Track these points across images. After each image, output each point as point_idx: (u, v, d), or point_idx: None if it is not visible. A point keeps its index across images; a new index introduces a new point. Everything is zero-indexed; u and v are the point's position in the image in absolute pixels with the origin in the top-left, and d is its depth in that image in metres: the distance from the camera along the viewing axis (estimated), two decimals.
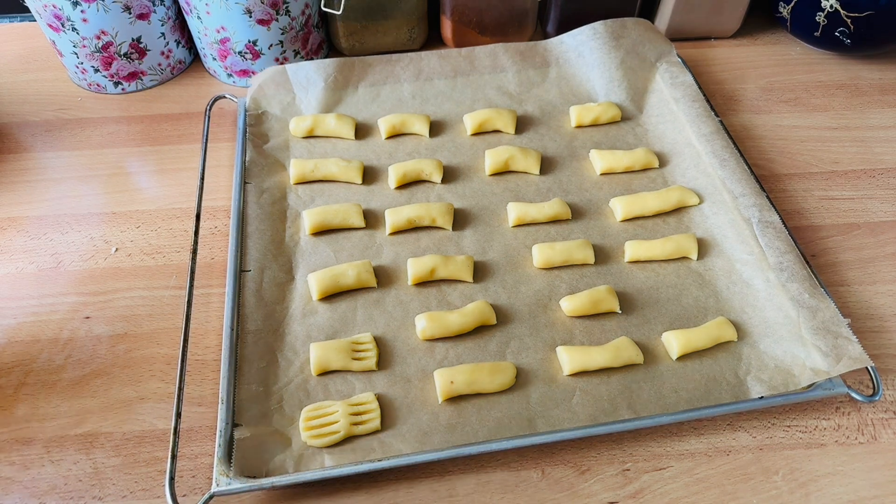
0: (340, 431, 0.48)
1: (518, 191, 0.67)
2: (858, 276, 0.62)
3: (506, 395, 0.51)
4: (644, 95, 0.75)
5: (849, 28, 0.76)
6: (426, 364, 0.53)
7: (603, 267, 0.60)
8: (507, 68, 0.76)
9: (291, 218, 0.63)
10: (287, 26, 0.74)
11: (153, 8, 0.73)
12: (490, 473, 0.49)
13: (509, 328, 0.56)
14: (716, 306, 0.57)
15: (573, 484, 0.48)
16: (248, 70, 0.77)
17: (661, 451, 0.50)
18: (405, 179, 0.66)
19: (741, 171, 0.64)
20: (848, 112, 0.78)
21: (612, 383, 0.52)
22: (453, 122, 0.73)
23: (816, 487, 0.48)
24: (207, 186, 0.66)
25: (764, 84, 0.81)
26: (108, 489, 0.48)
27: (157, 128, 0.74)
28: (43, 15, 0.70)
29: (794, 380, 0.51)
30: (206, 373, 0.54)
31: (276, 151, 0.69)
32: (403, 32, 0.81)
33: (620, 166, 0.68)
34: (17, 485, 0.48)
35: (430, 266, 0.58)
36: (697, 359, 0.54)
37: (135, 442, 0.50)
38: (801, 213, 0.67)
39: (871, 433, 0.51)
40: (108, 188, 0.68)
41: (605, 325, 0.56)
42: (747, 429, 0.51)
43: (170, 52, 0.78)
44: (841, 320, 0.53)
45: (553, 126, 0.73)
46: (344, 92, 0.74)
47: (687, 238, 0.61)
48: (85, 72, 0.76)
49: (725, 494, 0.48)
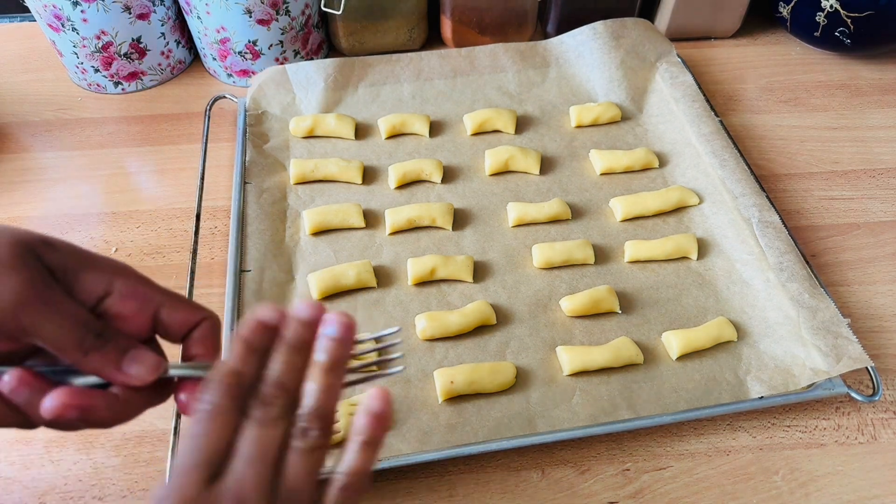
0: (340, 431, 0.48)
1: (518, 191, 0.67)
2: (858, 276, 0.62)
3: (506, 394, 0.51)
4: (644, 95, 0.75)
5: (849, 28, 0.76)
6: (426, 364, 0.53)
7: (603, 267, 0.60)
8: (507, 68, 0.76)
9: (291, 218, 0.63)
10: (287, 26, 0.74)
11: (153, 8, 0.73)
12: (490, 473, 0.49)
13: (509, 328, 0.56)
14: (716, 306, 0.57)
15: (573, 484, 0.48)
16: (248, 70, 0.77)
17: (661, 451, 0.50)
18: (405, 179, 0.66)
19: (741, 171, 0.64)
20: (848, 112, 0.78)
21: (612, 383, 0.52)
22: (453, 122, 0.73)
23: (816, 487, 0.48)
24: (207, 186, 0.66)
25: (764, 84, 0.81)
26: (108, 489, 0.48)
27: (156, 128, 0.74)
28: (43, 15, 0.70)
29: (793, 380, 0.51)
30: None
31: (276, 151, 0.69)
32: (403, 32, 0.81)
33: (620, 166, 0.68)
34: (18, 484, 0.48)
35: (430, 266, 0.58)
36: (697, 359, 0.54)
37: (135, 442, 0.50)
38: (800, 213, 0.67)
39: (870, 433, 0.51)
40: (108, 188, 0.68)
41: (605, 325, 0.56)
42: (747, 429, 0.51)
43: (170, 52, 0.78)
44: (841, 320, 0.53)
45: (553, 126, 0.73)
46: (344, 92, 0.74)
47: (687, 238, 0.61)
48: (85, 72, 0.76)
49: (725, 494, 0.48)
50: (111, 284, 0.32)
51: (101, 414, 0.30)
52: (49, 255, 0.30)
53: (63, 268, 0.31)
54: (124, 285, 0.32)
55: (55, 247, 0.31)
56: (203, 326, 0.34)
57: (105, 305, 0.32)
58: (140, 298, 0.32)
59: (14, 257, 0.29)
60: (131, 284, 0.32)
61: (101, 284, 0.31)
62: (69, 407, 0.29)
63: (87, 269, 0.31)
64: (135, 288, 0.32)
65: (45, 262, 0.30)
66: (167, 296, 0.33)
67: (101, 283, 0.31)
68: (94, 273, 0.31)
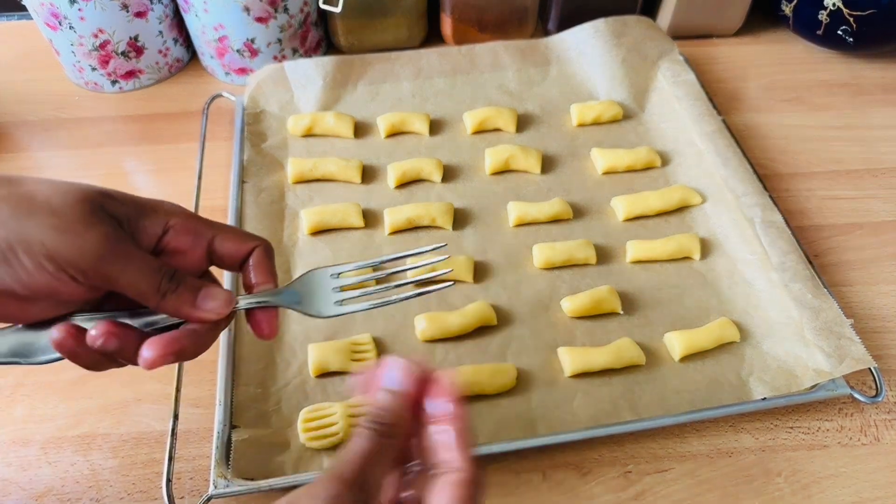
0: (339, 433, 0.48)
1: (519, 190, 0.66)
2: (861, 276, 0.61)
3: (506, 396, 0.51)
4: (646, 94, 0.75)
5: (851, 26, 0.76)
6: None
7: (604, 267, 0.60)
8: (507, 66, 0.76)
9: (290, 218, 0.63)
10: (285, 24, 0.74)
11: (150, 6, 0.73)
12: (491, 476, 0.48)
13: (510, 329, 0.55)
14: (718, 307, 0.57)
15: (575, 486, 0.48)
16: (247, 68, 0.77)
17: (663, 453, 0.50)
18: (405, 178, 0.66)
19: (744, 171, 0.63)
20: (850, 111, 0.77)
21: (614, 385, 0.52)
22: (453, 120, 0.72)
23: (819, 489, 0.48)
24: (205, 186, 0.65)
25: (766, 83, 0.81)
26: (106, 491, 0.47)
27: (154, 126, 0.74)
28: (40, 13, 0.70)
29: (796, 381, 0.51)
30: (203, 374, 0.54)
31: (275, 150, 0.68)
32: (403, 30, 0.81)
33: (622, 165, 0.67)
34: (15, 486, 0.47)
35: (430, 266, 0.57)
36: (700, 360, 0.53)
37: (132, 443, 0.50)
38: (803, 213, 0.67)
39: (874, 434, 0.51)
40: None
41: (606, 326, 0.56)
42: (749, 430, 0.51)
43: (167, 51, 0.78)
44: (844, 321, 0.53)
45: (554, 125, 0.72)
46: (343, 90, 0.73)
47: (689, 238, 0.60)
48: (82, 70, 0.75)
49: (728, 496, 0.48)
50: (167, 223, 0.34)
51: (188, 352, 0.34)
52: (112, 206, 0.33)
53: (126, 216, 0.33)
54: (178, 222, 0.35)
55: (115, 198, 0.33)
56: (256, 254, 0.37)
57: (163, 243, 0.35)
58: (193, 233, 0.35)
59: (87, 213, 0.31)
60: (184, 221, 0.35)
61: (158, 226, 0.34)
62: (166, 356, 0.33)
63: (144, 215, 0.34)
64: (187, 223, 0.35)
65: (111, 214, 0.32)
66: (218, 228, 0.36)
67: (158, 224, 0.34)
68: (151, 217, 0.34)
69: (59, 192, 0.31)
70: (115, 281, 0.32)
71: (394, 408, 0.31)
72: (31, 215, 0.30)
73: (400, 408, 0.31)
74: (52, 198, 0.31)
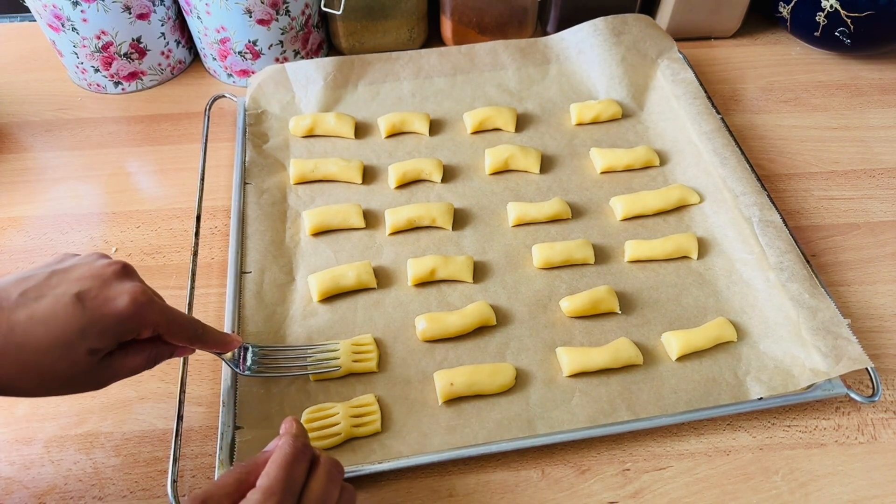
0: (341, 433, 0.48)
1: (518, 190, 0.66)
2: (858, 276, 0.62)
3: (505, 396, 0.51)
4: (645, 92, 0.75)
5: (849, 28, 0.76)
6: (426, 365, 0.53)
7: (603, 267, 0.60)
8: (507, 65, 0.76)
9: (291, 218, 0.63)
10: (287, 26, 0.74)
11: (153, 8, 0.73)
12: (490, 473, 0.49)
13: (509, 329, 0.56)
14: (716, 306, 0.57)
15: (573, 484, 0.48)
16: (248, 70, 0.77)
17: (661, 451, 0.50)
18: (405, 179, 0.66)
19: (742, 170, 0.64)
20: (848, 112, 0.78)
21: (612, 384, 0.52)
22: (453, 120, 0.73)
23: (816, 487, 0.48)
24: (207, 186, 0.66)
25: (764, 84, 0.81)
26: (108, 489, 0.48)
27: (156, 128, 0.74)
28: (43, 15, 0.70)
29: (793, 380, 0.51)
30: (205, 373, 0.54)
31: (276, 151, 0.69)
32: (403, 32, 0.81)
33: (621, 164, 0.68)
34: (18, 484, 0.48)
35: (430, 266, 0.58)
36: (697, 359, 0.54)
37: (135, 442, 0.50)
38: (800, 213, 0.67)
39: (870, 433, 0.51)
40: (108, 188, 0.68)
41: (604, 326, 0.56)
42: (747, 429, 0.51)
43: (170, 52, 0.78)
44: (841, 321, 0.53)
45: (553, 124, 0.73)
46: (343, 90, 0.74)
47: (687, 237, 0.61)
48: (85, 72, 0.76)
49: (725, 494, 0.48)
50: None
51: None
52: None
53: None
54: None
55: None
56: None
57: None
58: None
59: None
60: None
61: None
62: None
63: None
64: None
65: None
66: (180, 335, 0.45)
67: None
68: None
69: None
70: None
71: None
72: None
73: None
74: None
